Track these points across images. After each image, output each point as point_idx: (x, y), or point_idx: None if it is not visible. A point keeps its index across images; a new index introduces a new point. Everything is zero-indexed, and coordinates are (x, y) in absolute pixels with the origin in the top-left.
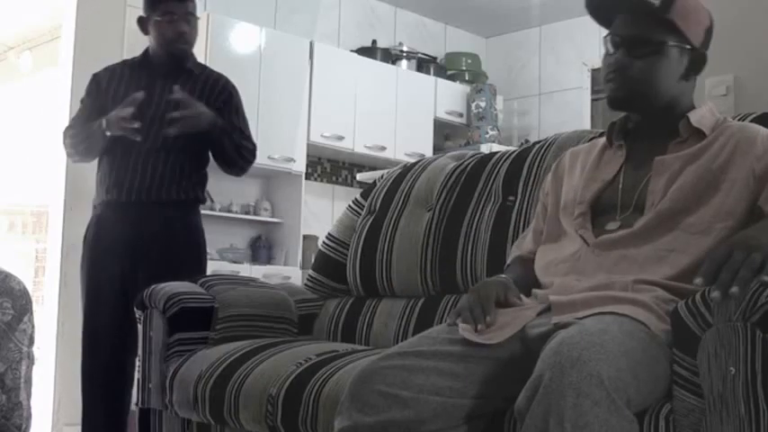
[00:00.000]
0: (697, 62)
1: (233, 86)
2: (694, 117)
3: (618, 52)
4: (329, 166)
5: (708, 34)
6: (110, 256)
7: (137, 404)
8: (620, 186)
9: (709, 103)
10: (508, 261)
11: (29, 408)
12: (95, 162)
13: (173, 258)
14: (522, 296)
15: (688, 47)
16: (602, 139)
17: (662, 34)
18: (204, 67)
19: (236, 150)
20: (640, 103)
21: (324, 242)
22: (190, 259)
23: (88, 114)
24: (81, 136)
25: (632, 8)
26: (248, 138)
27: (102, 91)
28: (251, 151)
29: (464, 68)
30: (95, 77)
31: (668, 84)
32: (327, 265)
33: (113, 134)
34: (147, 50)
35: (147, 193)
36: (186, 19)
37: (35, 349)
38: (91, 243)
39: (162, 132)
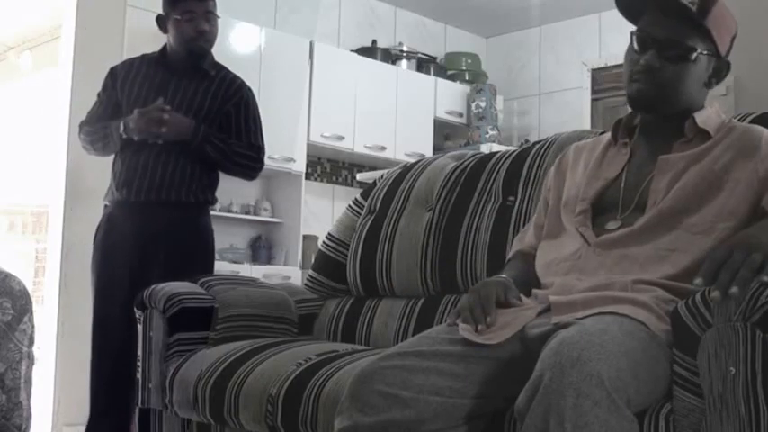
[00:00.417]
0: (721, 70)
1: (247, 90)
2: (700, 118)
3: (648, 53)
4: (329, 166)
5: (732, 42)
6: (118, 256)
7: (137, 404)
8: (623, 185)
9: (715, 104)
10: (509, 256)
11: (29, 408)
12: (95, 162)
13: (181, 260)
14: (521, 296)
15: (715, 55)
16: (607, 137)
17: (695, 40)
18: (221, 69)
19: (227, 157)
20: (662, 106)
21: (324, 242)
22: (198, 261)
23: (104, 110)
24: (98, 134)
25: (669, 10)
26: (251, 145)
27: (118, 86)
28: (251, 158)
29: (464, 68)
30: (112, 71)
31: (693, 90)
32: (327, 265)
33: (131, 137)
34: (164, 48)
35: (156, 193)
36: (206, 17)
37: (35, 349)
38: (100, 242)
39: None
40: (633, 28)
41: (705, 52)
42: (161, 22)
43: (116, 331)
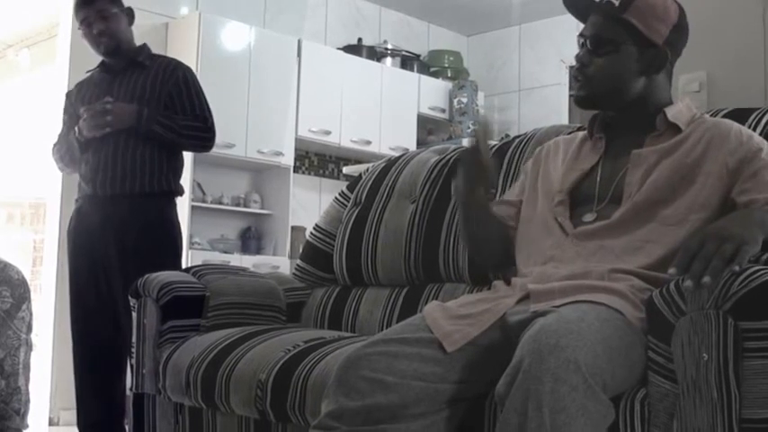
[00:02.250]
0: (658, 59)
1: (184, 69)
2: (671, 112)
3: (581, 51)
4: (316, 160)
5: (676, 31)
6: (88, 248)
7: (131, 389)
8: (598, 178)
9: (686, 98)
10: None
11: (27, 392)
12: None
13: (145, 252)
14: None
15: (647, 45)
16: (584, 132)
17: (618, 33)
18: (157, 57)
19: (176, 132)
20: (603, 100)
21: (311, 233)
22: (165, 252)
23: (67, 129)
24: (63, 149)
25: (594, 9)
26: (197, 116)
27: (74, 103)
28: (200, 128)
29: (446, 65)
30: (68, 95)
31: (628, 80)
32: (315, 255)
33: (86, 137)
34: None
35: (120, 185)
36: (101, 17)
37: (33, 336)
38: (71, 235)
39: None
40: None
41: (632, 43)
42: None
43: (93, 320)
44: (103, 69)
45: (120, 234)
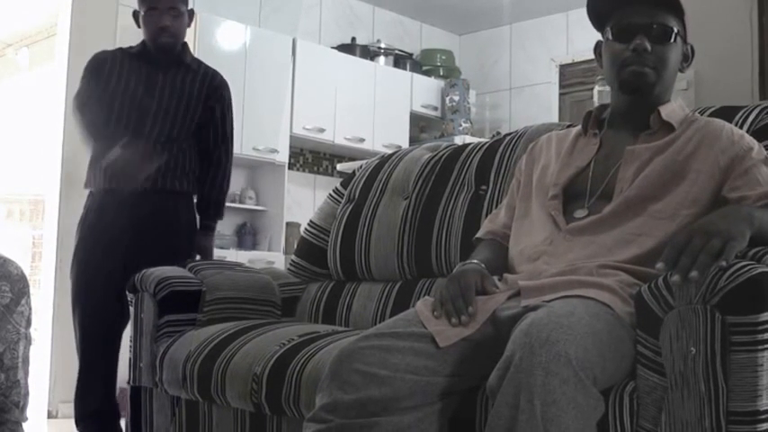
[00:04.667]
0: (689, 54)
1: (227, 86)
2: (665, 111)
3: (636, 39)
4: (311, 157)
5: None
6: (104, 243)
7: (128, 382)
8: (591, 174)
9: (678, 98)
10: (479, 234)
11: (26, 386)
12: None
13: (162, 249)
14: (497, 283)
15: (685, 40)
16: (577, 128)
17: (673, 22)
18: (201, 63)
19: (226, 187)
20: (654, 87)
21: (306, 229)
22: (179, 252)
23: (90, 96)
24: (90, 124)
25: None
26: (225, 141)
27: (104, 76)
28: (228, 176)
29: (439, 64)
30: (97, 59)
31: (674, 72)
32: (309, 250)
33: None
34: (144, 42)
35: (152, 182)
36: (170, 13)
37: (32, 330)
38: (88, 228)
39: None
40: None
41: (681, 34)
42: (136, 17)
43: (101, 313)
44: (145, 57)
45: (138, 230)
